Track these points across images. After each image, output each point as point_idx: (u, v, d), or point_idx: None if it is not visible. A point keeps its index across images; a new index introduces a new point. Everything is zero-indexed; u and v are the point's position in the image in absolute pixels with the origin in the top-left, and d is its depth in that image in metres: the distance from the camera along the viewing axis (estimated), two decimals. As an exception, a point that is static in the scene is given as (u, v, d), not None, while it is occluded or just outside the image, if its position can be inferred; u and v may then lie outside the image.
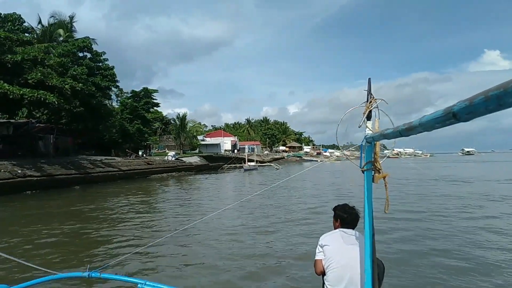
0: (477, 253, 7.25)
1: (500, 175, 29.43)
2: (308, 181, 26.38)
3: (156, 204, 16.37)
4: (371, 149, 1.87)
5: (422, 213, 11.96)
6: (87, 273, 2.65)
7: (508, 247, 7.72)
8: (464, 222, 10.47)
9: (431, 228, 9.66)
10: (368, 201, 1.94)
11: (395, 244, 7.97)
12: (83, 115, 33.57)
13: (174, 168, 37.57)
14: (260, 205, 14.33)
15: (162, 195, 20.53)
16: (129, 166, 30.82)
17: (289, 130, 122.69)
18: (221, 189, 23.29)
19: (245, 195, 18.64)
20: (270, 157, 74.63)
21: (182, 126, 57.23)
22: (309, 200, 15.89)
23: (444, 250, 7.52)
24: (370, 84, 1.96)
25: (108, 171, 27.79)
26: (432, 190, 19.26)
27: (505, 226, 9.86)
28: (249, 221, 11.02)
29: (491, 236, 8.70)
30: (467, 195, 16.57)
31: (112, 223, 11.57)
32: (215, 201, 16.71)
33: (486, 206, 13.29)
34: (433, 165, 51.92)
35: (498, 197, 15.74)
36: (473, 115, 0.74)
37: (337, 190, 20.23)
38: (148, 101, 42.98)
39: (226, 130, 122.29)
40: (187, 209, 14.39)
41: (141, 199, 18.03)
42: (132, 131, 41.34)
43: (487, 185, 21.61)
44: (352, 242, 2.73)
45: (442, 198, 15.79)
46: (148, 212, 13.76)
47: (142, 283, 2.48)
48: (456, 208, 12.97)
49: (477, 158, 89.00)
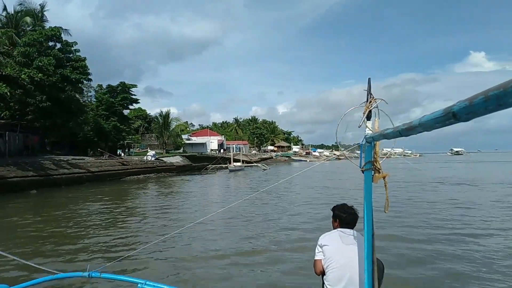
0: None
1: (503, 177, 27.43)
2: (298, 184, 23.82)
3: (120, 216, 13.51)
4: (371, 149, 1.86)
5: (439, 230, 9.50)
6: (88, 273, 2.68)
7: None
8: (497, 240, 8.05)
9: (460, 256, 7.19)
10: (368, 201, 1.93)
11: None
12: (51, 110, 30.42)
13: (153, 169, 34.61)
14: (243, 215, 11.78)
15: (133, 201, 17.64)
16: (100, 167, 27.77)
17: (277, 129, 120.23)
18: (201, 193, 20.55)
19: (227, 202, 16.05)
20: (258, 157, 71.99)
21: (165, 124, 54.10)
22: (301, 210, 13.34)
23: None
24: (370, 84, 1.96)
25: (73, 172, 24.74)
26: (440, 195, 16.91)
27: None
28: (226, 244, 8.39)
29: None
30: (481, 200, 14.29)
31: (31, 242, 8.74)
32: (192, 210, 14.01)
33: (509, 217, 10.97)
34: (430, 166, 50.09)
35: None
36: (473, 115, 0.74)
37: (331, 196, 17.69)
38: (126, 97, 39.69)
39: (214, 130, 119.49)
40: (153, 222, 11.66)
41: (105, 206, 15.19)
42: (108, 128, 38.13)
43: (495, 188, 19.42)
44: (351, 242, 2.72)
45: (455, 206, 13.42)
46: (104, 227, 10.95)
47: (142, 283, 2.51)
48: (479, 220, 10.57)
49: (467, 158, 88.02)
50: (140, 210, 14.46)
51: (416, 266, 6.47)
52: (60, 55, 31.64)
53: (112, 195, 19.70)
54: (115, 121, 38.67)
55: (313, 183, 24.30)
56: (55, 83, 30.09)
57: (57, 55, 31.01)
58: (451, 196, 16.02)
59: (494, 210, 12.26)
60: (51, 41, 32.12)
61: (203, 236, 9.05)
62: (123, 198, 18.76)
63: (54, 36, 31.61)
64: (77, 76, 31.82)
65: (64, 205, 15.61)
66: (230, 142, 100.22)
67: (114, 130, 38.65)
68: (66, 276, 3.17)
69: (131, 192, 21.52)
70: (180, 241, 8.57)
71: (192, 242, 8.52)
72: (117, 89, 40.00)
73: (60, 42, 32.66)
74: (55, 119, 31.61)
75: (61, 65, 31.82)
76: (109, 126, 38.12)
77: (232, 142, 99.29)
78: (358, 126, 1.95)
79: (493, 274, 5.96)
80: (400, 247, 7.71)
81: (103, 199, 17.62)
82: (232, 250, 7.76)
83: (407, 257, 6.99)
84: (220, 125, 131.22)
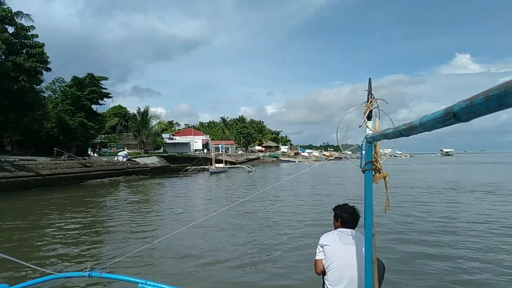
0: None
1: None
2: (288, 190, 20.23)
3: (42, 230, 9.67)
4: (371, 149, 1.89)
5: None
6: (88, 272, 2.66)
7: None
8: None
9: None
10: (368, 201, 1.94)
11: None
12: (2, 103, 26.25)
13: (122, 171, 30.59)
14: (220, 232, 8.42)
15: (77, 214, 13.70)
16: (54, 170, 23.70)
17: (265, 129, 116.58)
18: (172, 200, 16.75)
19: (202, 212, 12.45)
20: (244, 157, 68.34)
21: (143, 122, 49.94)
22: (289, 232, 9.75)
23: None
24: (370, 84, 1.99)
25: (18, 176, 20.66)
26: (461, 207, 13.49)
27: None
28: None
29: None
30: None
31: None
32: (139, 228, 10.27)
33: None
34: (429, 168, 47.14)
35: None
36: (473, 115, 0.74)
37: (322, 212, 14.13)
38: (95, 90, 35.42)
39: (201, 129, 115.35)
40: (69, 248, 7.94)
41: (36, 222, 11.32)
42: (74, 125, 33.91)
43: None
44: (350, 242, 2.73)
45: (490, 226, 9.99)
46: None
47: (142, 283, 2.49)
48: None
49: (459, 159, 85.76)
50: (72, 225, 10.65)
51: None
52: (13, 39, 27.45)
53: (54, 206, 15.71)
54: (81, 117, 34.44)
55: (303, 190, 20.76)
56: (6, 71, 25.93)
57: (9, 40, 26.83)
58: (476, 211, 12.64)
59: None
60: (2, 23, 27.82)
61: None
62: (67, 208, 14.80)
63: (6, 18, 27.35)
64: (33, 65, 27.57)
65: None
66: (216, 142, 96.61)
67: (81, 127, 34.44)
68: (66, 276, 3.44)
69: (74, 203, 17.55)
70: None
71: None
72: (84, 82, 35.73)
73: (14, 25, 28.40)
74: (7, 114, 27.43)
75: (14, 52, 27.63)
76: (74, 123, 33.91)
77: (218, 142, 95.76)
78: (359, 126, 1.99)
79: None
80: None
81: (42, 212, 13.72)
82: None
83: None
84: (207, 124, 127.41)
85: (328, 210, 4.09)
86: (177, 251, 7.58)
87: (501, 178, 26.66)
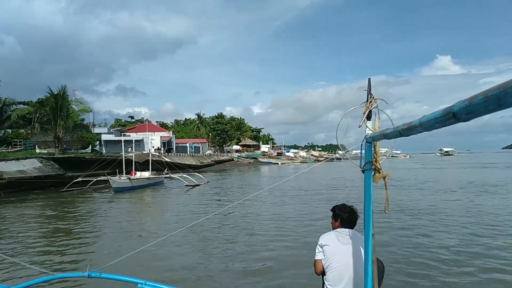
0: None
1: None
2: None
3: None
4: (371, 149, 1.86)
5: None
6: (87, 273, 2.64)
7: None
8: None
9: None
10: (368, 201, 1.92)
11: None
12: None
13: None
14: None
15: None
16: None
17: (245, 126, 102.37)
18: None
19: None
20: (211, 159, 54.08)
21: (58, 109, 34.88)
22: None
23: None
24: (370, 84, 1.96)
25: None
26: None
27: None
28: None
29: None
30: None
31: None
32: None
33: None
34: (432, 169, 34.23)
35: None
36: (473, 115, 0.74)
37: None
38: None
39: (176, 127, 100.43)
40: None
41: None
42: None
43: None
44: (348, 242, 2.71)
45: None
46: None
47: (142, 283, 2.47)
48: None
49: (461, 160, 73.08)
50: None
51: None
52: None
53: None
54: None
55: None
56: None
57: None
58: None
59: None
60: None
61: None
62: None
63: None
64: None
65: None
66: (185, 140, 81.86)
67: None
68: (66, 276, 3.44)
69: None
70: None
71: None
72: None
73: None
74: None
75: None
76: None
77: (186, 140, 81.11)
78: (359, 126, 1.97)
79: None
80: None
81: None
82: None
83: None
84: (183, 122, 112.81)
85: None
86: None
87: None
